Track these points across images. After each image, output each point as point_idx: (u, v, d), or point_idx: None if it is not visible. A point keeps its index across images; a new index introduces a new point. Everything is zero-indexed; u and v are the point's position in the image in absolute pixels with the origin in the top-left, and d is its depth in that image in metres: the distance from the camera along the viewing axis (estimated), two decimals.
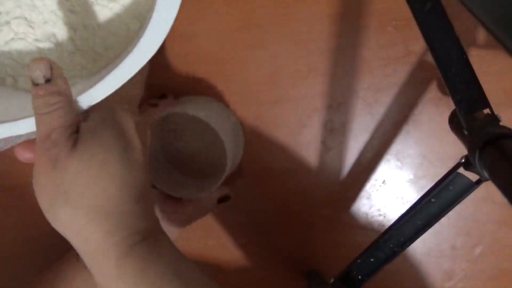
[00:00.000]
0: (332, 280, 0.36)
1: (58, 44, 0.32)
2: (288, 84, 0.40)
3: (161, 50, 0.41)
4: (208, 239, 0.45)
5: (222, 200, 0.40)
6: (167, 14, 0.25)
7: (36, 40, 0.32)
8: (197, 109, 0.37)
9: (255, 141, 0.42)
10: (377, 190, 0.41)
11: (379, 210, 0.42)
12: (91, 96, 0.28)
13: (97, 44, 0.33)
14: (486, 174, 0.25)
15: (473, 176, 0.27)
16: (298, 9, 0.38)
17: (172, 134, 0.42)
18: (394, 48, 0.38)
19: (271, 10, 0.38)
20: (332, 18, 0.38)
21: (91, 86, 0.28)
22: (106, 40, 0.32)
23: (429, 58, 0.37)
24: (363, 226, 0.42)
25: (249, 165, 0.42)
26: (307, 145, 0.41)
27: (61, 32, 0.32)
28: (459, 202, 0.29)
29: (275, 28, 0.39)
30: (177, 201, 0.39)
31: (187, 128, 0.41)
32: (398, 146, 0.40)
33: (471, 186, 0.28)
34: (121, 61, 0.26)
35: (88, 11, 0.32)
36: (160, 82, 0.41)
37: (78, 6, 0.31)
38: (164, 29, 0.26)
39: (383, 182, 0.41)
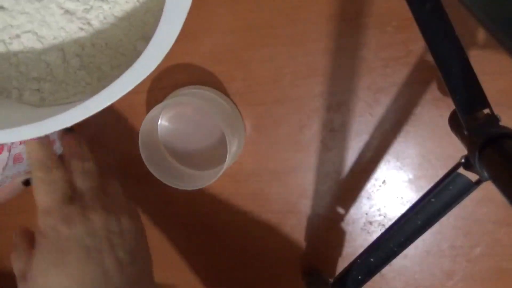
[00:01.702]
0: (332, 280, 0.36)
1: (65, 60, 0.32)
2: (288, 84, 0.40)
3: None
4: (209, 239, 0.45)
5: (27, 182, 0.40)
6: (168, 36, 0.26)
7: (44, 54, 0.32)
8: (198, 99, 0.37)
9: (255, 140, 0.42)
10: (377, 190, 0.41)
11: (379, 210, 0.42)
12: (87, 108, 0.28)
13: (104, 63, 0.33)
14: (486, 174, 0.25)
15: (473, 176, 0.27)
16: (298, 9, 0.38)
17: (171, 125, 0.42)
18: (394, 48, 0.38)
19: (271, 10, 0.38)
20: (332, 18, 0.38)
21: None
22: (113, 59, 0.33)
23: (429, 58, 0.37)
24: (363, 226, 0.42)
25: (249, 164, 0.42)
26: (307, 145, 0.41)
27: (69, 49, 0.32)
28: (459, 202, 0.29)
29: (275, 28, 0.39)
30: None
31: (187, 119, 0.41)
32: (398, 146, 0.40)
33: (471, 186, 0.28)
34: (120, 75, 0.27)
35: (98, 30, 0.32)
36: (160, 82, 0.41)
37: (87, 25, 0.32)
38: (163, 50, 0.26)
39: (383, 182, 0.41)
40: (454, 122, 0.32)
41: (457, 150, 0.39)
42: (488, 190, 0.39)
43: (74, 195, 0.31)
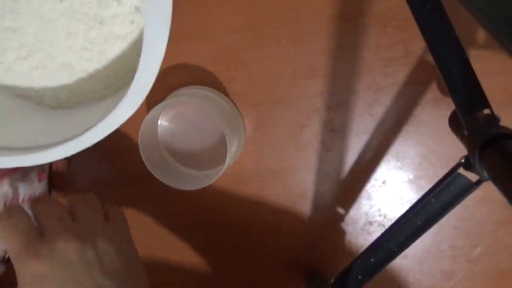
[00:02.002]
0: (332, 281, 0.36)
1: (75, 74, 0.35)
2: (288, 84, 0.40)
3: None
4: (209, 239, 0.45)
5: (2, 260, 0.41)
6: (153, 56, 0.28)
7: (56, 70, 0.35)
8: (198, 99, 0.37)
9: (255, 140, 0.42)
10: (377, 190, 0.41)
11: (379, 210, 0.42)
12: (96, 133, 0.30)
13: (109, 76, 0.35)
14: (486, 175, 0.25)
15: (473, 176, 0.27)
16: (298, 9, 0.38)
17: (171, 125, 0.42)
18: (394, 48, 0.38)
19: (271, 10, 0.38)
20: (332, 18, 0.38)
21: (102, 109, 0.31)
22: (117, 72, 0.35)
23: (429, 58, 0.37)
24: (363, 227, 0.42)
25: (249, 164, 0.42)
26: (307, 145, 0.41)
27: (77, 63, 0.35)
28: (459, 202, 0.29)
29: (275, 28, 0.39)
30: None
31: (187, 119, 0.41)
32: (398, 146, 0.40)
33: (471, 186, 0.28)
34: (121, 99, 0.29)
35: (101, 49, 0.34)
36: (160, 82, 0.41)
37: (91, 44, 0.34)
38: (153, 70, 0.28)
39: (383, 182, 0.41)
40: (454, 122, 0.32)
41: (457, 150, 0.39)
42: (488, 190, 0.39)
43: (43, 232, 0.30)
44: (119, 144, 0.44)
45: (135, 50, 0.34)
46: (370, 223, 0.42)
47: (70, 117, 0.36)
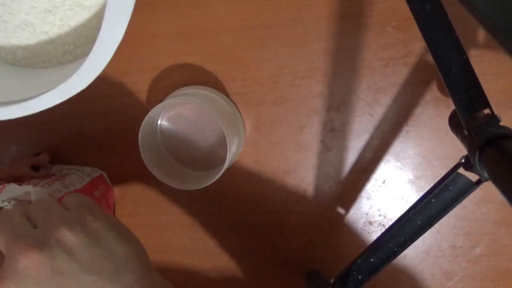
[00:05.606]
0: (332, 280, 0.36)
1: (36, 34, 0.36)
2: (288, 84, 0.40)
3: (162, 50, 0.41)
4: (208, 240, 0.45)
5: None
6: (115, 30, 0.28)
7: (17, 26, 0.36)
8: (198, 99, 0.37)
9: (255, 140, 0.42)
10: (377, 190, 0.41)
11: (379, 210, 0.42)
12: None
13: (70, 43, 0.37)
14: (486, 174, 0.25)
15: (473, 176, 0.27)
16: (298, 9, 0.38)
17: (171, 125, 0.42)
18: (394, 48, 0.38)
19: (271, 10, 0.38)
20: (332, 18, 0.38)
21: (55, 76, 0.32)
22: (78, 40, 0.36)
23: (429, 58, 0.37)
24: (363, 226, 0.42)
25: (249, 164, 0.42)
26: (307, 145, 0.41)
27: (39, 24, 0.36)
28: (459, 202, 0.29)
29: (275, 28, 0.39)
30: None
31: (187, 119, 0.41)
32: (398, 146, 0.40)
33: (471, 186, 0.28)
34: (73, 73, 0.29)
35: (64, 14, 0.35)
36: (160, 82, 0.41)
37: (55, 8, 0.35)
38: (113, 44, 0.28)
39: (383, 182, 0.41)
40: (454, 122, 0.32)
41: (457, 150, 0.39)
42: (488, 190, 0.39)
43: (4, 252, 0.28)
44: (119, 144, 0.44)
45: (98, 23, 0.35)
46: (370, 223, 0.42)
47: (24, 78, 0.36)
